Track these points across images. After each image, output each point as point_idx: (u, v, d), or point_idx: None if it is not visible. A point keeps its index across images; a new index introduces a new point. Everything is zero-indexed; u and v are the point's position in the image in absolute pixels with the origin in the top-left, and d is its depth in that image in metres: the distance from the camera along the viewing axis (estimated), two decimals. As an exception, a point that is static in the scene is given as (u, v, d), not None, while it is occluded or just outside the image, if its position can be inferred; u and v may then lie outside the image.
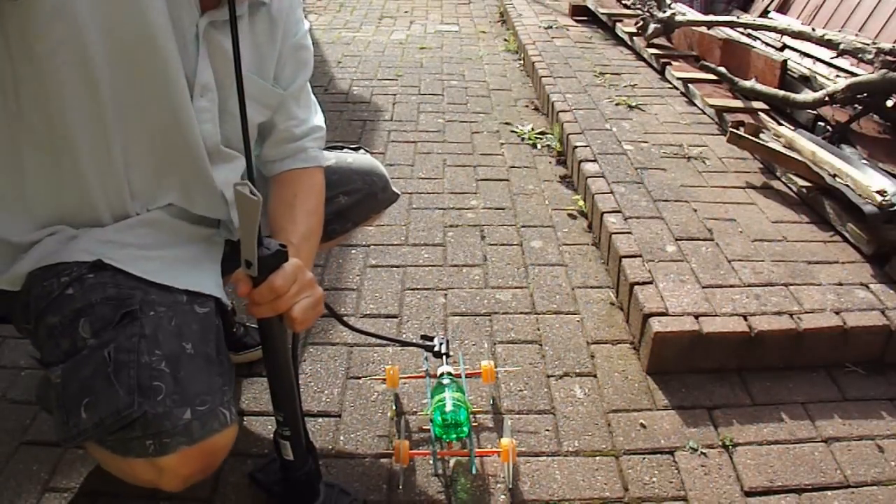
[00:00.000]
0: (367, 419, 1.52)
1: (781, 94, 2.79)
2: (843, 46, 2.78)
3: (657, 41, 3.74)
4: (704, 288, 1.79)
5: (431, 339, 1.58)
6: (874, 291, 1.80)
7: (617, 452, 1.46)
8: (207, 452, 0.99)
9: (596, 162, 2.47)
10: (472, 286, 1.99)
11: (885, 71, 2.49)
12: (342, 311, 1.88)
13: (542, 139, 2.97)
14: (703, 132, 2.80)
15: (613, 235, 2.01)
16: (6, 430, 1.46)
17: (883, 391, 1.64)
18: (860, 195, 2.04)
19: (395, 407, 1.55)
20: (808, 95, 2.69)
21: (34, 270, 1.05)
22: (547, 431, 1.50)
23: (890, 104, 2.59)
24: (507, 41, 4.49)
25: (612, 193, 2.25)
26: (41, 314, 1.03)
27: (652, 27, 3.66)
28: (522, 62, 4.01)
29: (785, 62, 2.96)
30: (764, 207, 2.22)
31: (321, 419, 1.52)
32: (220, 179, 1.15)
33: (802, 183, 2.26)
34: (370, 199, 1.53)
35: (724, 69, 3.07)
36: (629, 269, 1.85)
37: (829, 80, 2.84)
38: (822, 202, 2.16)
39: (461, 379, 1.53)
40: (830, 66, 3.02)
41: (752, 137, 2.47)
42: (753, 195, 2.31)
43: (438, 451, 1.40)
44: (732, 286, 1.80)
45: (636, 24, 3.84)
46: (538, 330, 1.82)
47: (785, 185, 2.37)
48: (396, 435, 1.47)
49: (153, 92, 1.02)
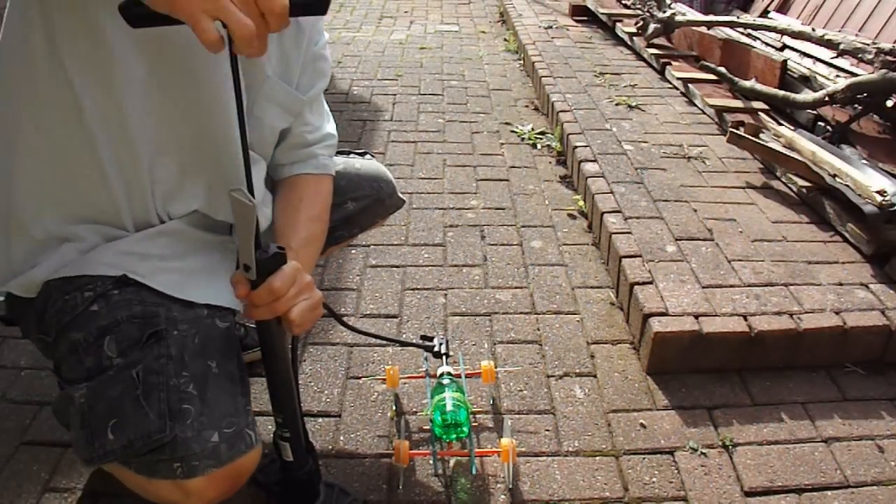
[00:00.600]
0: (367, 419, 1.52)
1: (781, 94, 2.79)
2: (843, 46, 2.78)
3: (657, 41, 3.74)
4: (704, 288, 1.79)
5: (431, 339, 1.58)
6: (874, 291, 1.80)
7: (617, 452, 1.46)
8: (234, 474, 0.98)
9: (596, 162, 2.47)
10: (472, 286, 1.99)
11: (885, 71, 2.49)
12: (342, 311, 1.88)
13: (542, 139, 2.97)
14: (703, 132, 2.80)
15: (613, 235, 2.01)
16: (6, 430, 1.46)
17: (883, 391, 1.64)
18: (860, 195, 2.04)
19: (395, 407, 1.55)
20: (808, 95, 2.69)
21: (52, 280, 1.04)
22: (547, 431, 1.50)
23: (890, 104, 2.59)
24: (507, 41, 4.49)
25: (612, 193, 2.25)
26: (64, 329, 1.01)
27: (652, 27, 3.66)
28: (522, 62, 4.01)
29: (785, 62, 2.96)
30: (764, 207, 2.22)
31: (321, 419, 1.52)
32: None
33: (802, 183, 2.26)
34: (377, 204, 1.53)
35: (724, 69, 3.08)
36: (629, 269, 1.85)
37: (829, 80, 2.84)
38: (822, 202, 2.16)
39: (461, 379, 1.53)
40: (830, 66, 3.02)
41: (752, 137, 2.47)
42: (753, 195, 2.31)
43: (438, 451, 1.40)
44: (732, 286, 1.80)
45: (636, 24, 3.84)
46: (538, 330, 1.82)
47: (785, 185, 2.37)
48: (396, 435, 1.47)
49: (184, 92, 1.01)
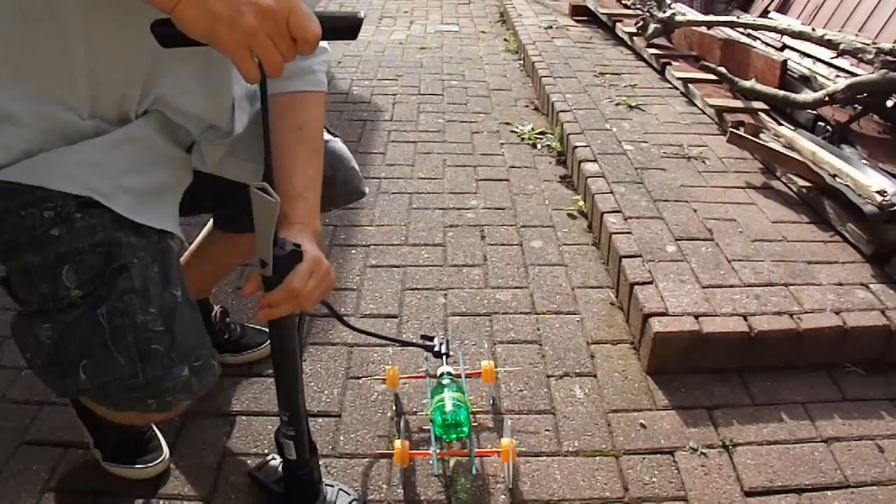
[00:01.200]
0: (367, 419, 1.52)
1: (781, 94, 2.79)
2: (843, 46, 2.78)
3: (657, 41, 3.74)
4: (704, 288, 1.79)
5: (431, 339, 1.58)
6: (874, 291, 1.80)
7: (617, 452, 1.46)
8: (201, 397, 1.05)
9: (596, 162, 2.47)
10: (472, 286, 1.99)
11: (885, 71, 2.49)
12: (342, 310, 1.88)
13: (542, 139, 2.97)
14: (703, 132, 2.80)
15: (613, 235, 2.01)
16: (6, 430, 1.46)
17: (883, 391, 1.64)
18: (860, 195, 2.04)
19: (395, 407, 1.55)
20: (808, 95, 2.69)
21: (6, 182, 0.94)
22: (547, 431, 1.50)
23: (890, 104, 2.59)
24: (507, 41, 4.49)
25: (612, 193, 2.25)
26: (19, 248, 0.96)
27: (652, 27, 3.66)
28: (522, 62, 4.01)
29: (785, 62, 2.96)
30: (764, 207, 2.22)
31: (321, 419, 1.52)
32: (217, 77, 1.06)
33: (802, 183, 2.26)
34: (327, 188, 1.39)
35: (724, 69, 3.07)
36: (629, 269, 1.85)
37: (829, 80, 2.84)
38: (822, 202, 2.16)
39: (461, 379, 1.53)
40: (830, 66, 3.02)
41: (752, 137, 2.47)
42: (753, 195, 2.31)
43: (438, 451, 1.40)
44: (732, 286, 1.80)
45: (636, 24, 3.84)
46: (538, 330, 1.82)
47: (785, 185, 2.37)
48: (396, 435, 1.47)
49: None
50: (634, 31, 3.85)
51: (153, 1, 0.74)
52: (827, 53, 3.06)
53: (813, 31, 2.99)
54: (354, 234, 2.24)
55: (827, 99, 2.56)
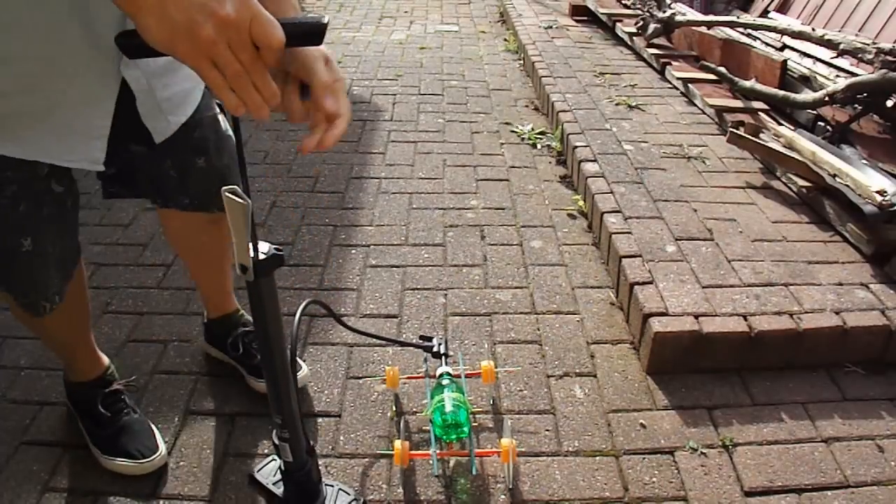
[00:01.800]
0: (367, 419, 1.52)
1: (781, 94, 2.79)
2: (843, 46, 2.78)
3: (657, 41, 3.74)
4: (704, 288, 1.79)
5: (430, 339, 1.58)
6: (874, 291, 1.80)
7: (617, 452, 1.46)
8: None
9: (596, 162, 2.47)
10: (472, 286, 1.99)
11: (885, 71, 2.49)
12: (342, 311, 1.88)
13: (542, 139, 2.97)
14: (703, 132, 2.80)
15: (613, 235, 2.01)
16: (6, 430, 1.46)
17: (883, 391, 1.64)
18: (860, 195, 2.04)
19: (395, 407, 1.55)
20: (808, 95, 2.69)
21: None
22: (547, 431, 1.50)
23: (890, 104, 2.59)
24: (507, 41, 4.49)
25: (612, 193, 2.25)
26: None
27: (652, 27, 3.66)
28: (522, 62, 4.01)
29: (785, 62, 2.96)
30: (764, 207, 2.22)
31: (321, 419, 1.52)
32: None
33: (802, 183, 2.26)
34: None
35: (724, 69, 3.07)
36: (629, 269, 1.85)
37: (829, 80, 2.84)
38: (822, 202, 2.16)
39: (461, 379, 1.53)
40: (830, 66, 3.02)
41: (752, 137, 2.47)
42: (753, 195, 2.31)
43: (438, 451, 1.40)
44: (732, 286, 1.80)
45: (636, 24, 3.84)
46: (538, 330, 1.82)
47: (785, 185, 2.37)
48: (396, 435, 1.47)
49: None
50: (634, 31, 3.85)
51: (119, 2, 0.71)
52: (827, 53, 3.06)
53: (813, 31, 2.99)
54: (354, 234, 2.24)
55: (827, 99, 2.56)
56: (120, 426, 1.39)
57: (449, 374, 1.46)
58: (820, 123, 2.70)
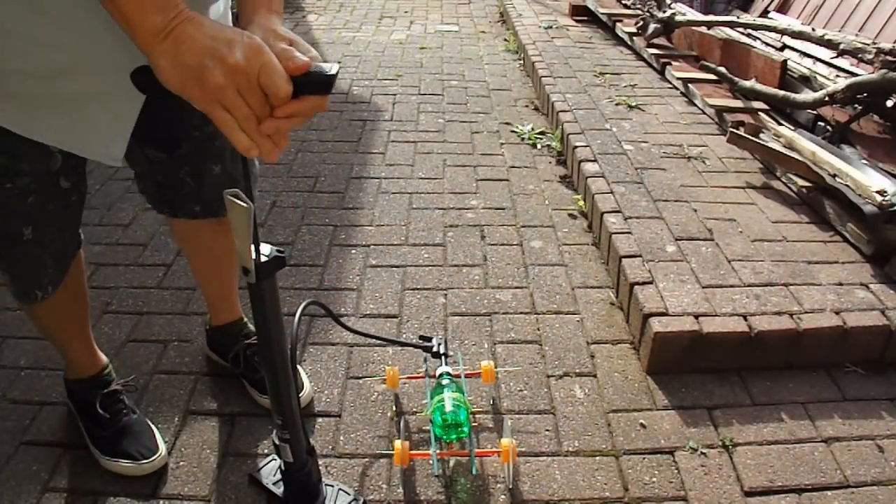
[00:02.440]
0: (367, 419, 1.52)
1: (781, 94, 2.79)
2: (843, 46, 2.78)
3: (657, 41, 3.74)
4: (704, 288, 1.79)
5: (430, 339, 1.58)
6: (874, 291, 1.80)
7: (617, 452, 1.46)
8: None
9: (596, 162, 2.47)
10: (472, 286, 1.99)
11: (885, 71, 2.49)
12: (342, 311, 1.88)
13: (542, 139, 2.97)
14: (703, 132, 2.80)
15: (613, 235, 2.01)
16: (6, 430, 1.47)
17: (883, 391, 1.64)
18: (860, 195, 2.04)
19: (395, 407, 1.55)
20: (808, 95, 2.69)
21: None
22: (547, 431, 1.50)
23: (890, 104, 2.59)
24: (507, 41, 4.49)
25: (612, 193, 2.25)
26: None
27: (652, 27, 3.66)
28: (522, 62, 4.01)
29: (785, 62, 2.96)
30: (764, 207, 2.22)
31: (321, 419, 1.52)
32: None
33: (802, 183, 2.26)
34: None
35: (724, 69, 3.07)
36: (629, 269, 1.85)
37: (829, 80, 2.84)
38: (822, 202, 2.16)
39: (461, 379, 1.53)
40: (830, 66, 3.02)
41: (752, 137, 2.47)
42: (753, 195, 2.31)
43: (438, 451, 1.40)
44: (732, 286, 1.80)
45: (636, 24, 3.84)
46: (538, 330, 1.82)
47: (785, 185, 2.37)
48: (396, 435, 1.47)
49: None
50: (634, 31, 3.85)
51: (137, 40, 0.72)
52: (827, 53, 3.06)
53: (813, 31, 2.99)
54: (354, 234, 2.24)
55: (827, 99, 2.56)
56: (120, 427, 1.39)
57: (449, 373, 1.46)
58: (820, 123, 2.70)
